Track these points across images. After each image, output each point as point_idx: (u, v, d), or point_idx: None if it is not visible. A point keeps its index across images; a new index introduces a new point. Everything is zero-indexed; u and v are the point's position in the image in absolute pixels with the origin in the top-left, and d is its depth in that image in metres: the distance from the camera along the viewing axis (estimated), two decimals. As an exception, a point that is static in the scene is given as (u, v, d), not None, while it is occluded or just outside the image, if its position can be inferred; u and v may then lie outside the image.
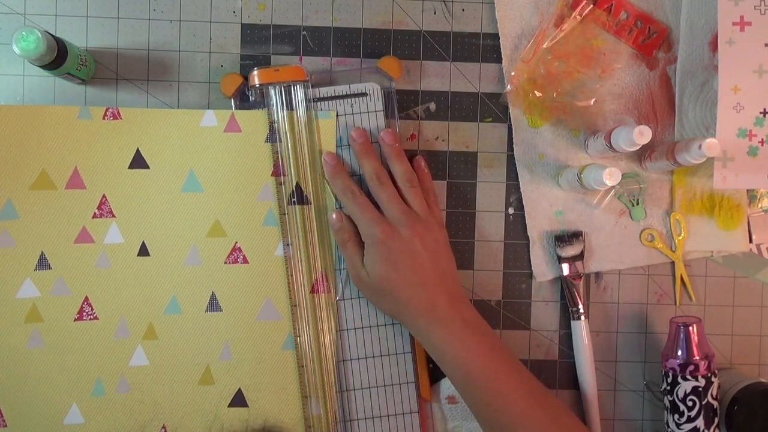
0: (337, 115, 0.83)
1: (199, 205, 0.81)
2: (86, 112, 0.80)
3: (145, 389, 0.81)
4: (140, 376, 0.81)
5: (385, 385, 0.84)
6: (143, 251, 0.81)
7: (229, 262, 0.82)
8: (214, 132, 0.81)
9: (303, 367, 0.82)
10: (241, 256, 0.82)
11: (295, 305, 0.82)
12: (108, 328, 0.80)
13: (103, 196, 0.80)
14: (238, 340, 0.82)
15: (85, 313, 0.80)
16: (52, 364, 0.80)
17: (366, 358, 0.84)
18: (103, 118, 0.80)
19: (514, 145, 0.86)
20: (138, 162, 0.81)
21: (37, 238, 0.79)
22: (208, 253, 0.81)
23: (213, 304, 0.82)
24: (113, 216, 0.80)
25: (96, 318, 0.80)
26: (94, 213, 0.80)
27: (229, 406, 0.81)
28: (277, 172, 0.82)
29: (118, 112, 0.80)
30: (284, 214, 0.82)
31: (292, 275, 0.82)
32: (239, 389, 0.82)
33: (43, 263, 0.80)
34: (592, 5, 0.85)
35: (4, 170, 0.79)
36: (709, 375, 0.81)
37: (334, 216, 0.81)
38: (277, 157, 0.82)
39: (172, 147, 0.81)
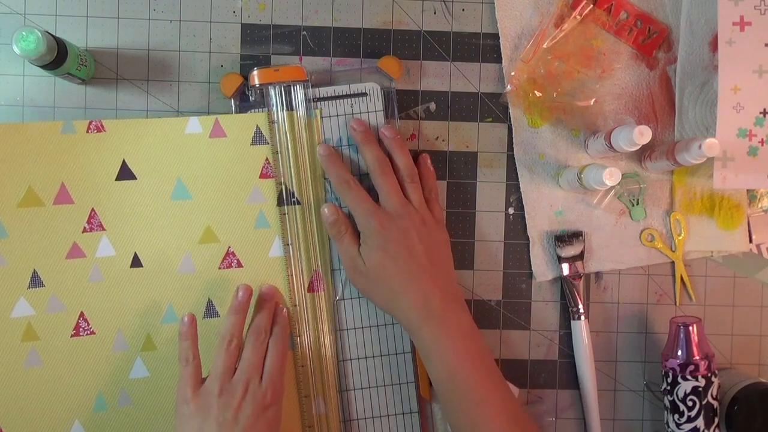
0: (321, 116, 0.83)
1: (189, 212, 0.81)
2: (70, 127, 0.80)
3: (147, 401, 0.81)
4: (141, 388, 0.81)
5: (385, 385, 0.84)
6: (136, 262, 0.81)
7: (224, 267, 0.82)
8: (199, 139, 0.81)
9: (303, 366, 0.82)
10: (235, 261, 0.82)
11: (295, 305, 0.82)
12: (106, 342, 0.80)
13: (92, 209, 0.80)
14: None
15: (81, 329, 0.80)
16: (52, 383, 0.79)
17: (366, 358, 0.84)
18: (87, 132, 0.80)
19: (514, 145, 0.86)
20: (125, 173, 0.80)
21: (28, 256, 0.79)
22: (202, 260, 0.81)
23: (210, 311, 0.81)
24: (103, 229, 0.80)
25: (93, 333, 0.80)
26: (84, 227, 0.80)
27: None
28: (266, 174, 0.82)
29: (102, 125, 0.80)
30: (284, 214, 0.82)
31: (291, 275, 0.82)
32: None
33: (35, 281, 0.79)
34: (592, 5, 0.85)
35: None
36: (709, 375, 0.81)
37: (327, 210, 0.81)
38: (267, 158, 0.81)
39: (158, 156, 0.81)
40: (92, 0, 0.83)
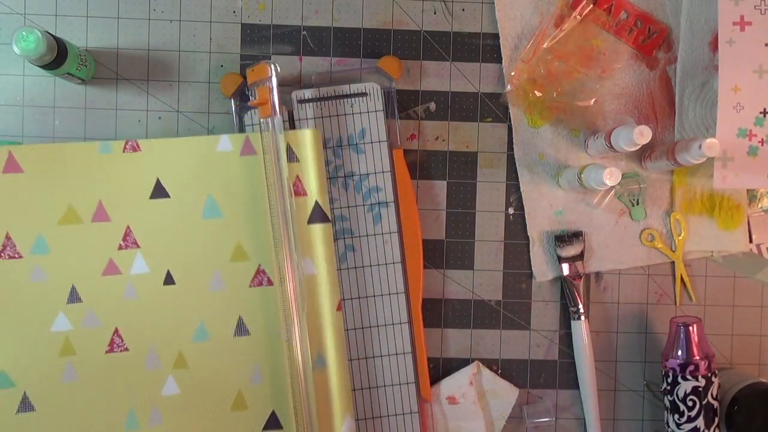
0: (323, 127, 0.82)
1: (220, 230, 0.81)
2: (107, 147, 0.80)
3: (178, 419, 0.80)
4: (172, 405, 0.80)
5: (385, 385, 0.84)
6: (169, 280, 0.81)
7: (254, 285, 0.81)
8: (230, 157, 0.81)
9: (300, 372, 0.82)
10: (266, 279, 0.81)
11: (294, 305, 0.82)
12: (138, 359, 0.80)
13: (127, 227, 0.80)
14: (268, 363, 0.81)
15: (115, 345, 0.80)
16: (87, 398, 0.79)
17: (366, 358, 0.84)
18: (123, 151, 0.80)
19: (514, 145, 0.86)
20: (159, 192, 0.81)
21: (67, 271, 0.80)
22: (233, 278, 0.81)
23: (240, 329, 0.81)
24: (138, 246, 0.80)
25: (126, 349, 0.80)
26: (120, 245, 0.80)
27: (264, 429, 0.81)
28: (296, 192, 0.81)
29: (137, 145, 0.80)
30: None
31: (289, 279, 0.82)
32: (273, 412, 0.81)
33: (74, 296, 0.80)
34: (592, 5, 0.85)
35: (33, 207, 0.79)
36: (709, 375, 0.81)
37: None
38: (298, 176, 0.81)
39: (190, 175, 0.81)
40: (92, 0, 0.83)
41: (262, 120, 0.80)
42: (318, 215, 0.81)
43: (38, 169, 0.79)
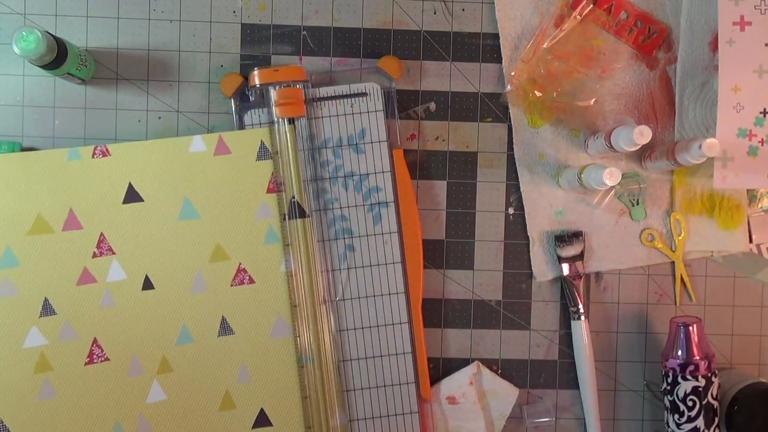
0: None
1: (198, 231, 0.81)
2: (75, 153, 0.80)
3: (166, 425, 0.80)
4: (159, 412, 0.80)
5: (385, 385, 0.84)
6: (147, 285, 0.80)
7: (236, 284, 0.81)
8: (204, 157, 0.81)
9: (303, 367, 0.82)
10: (247, 277, 0.81)
11: (296, 305, 0.82)
12: (121, 368, 0.80)
13: (101, 234, 0.80)
14: (254, 361, 0.81)
15: (95, 356, 0.79)
16: (67, 414, 0.79)
17: (366, 358, 0.84)
18: (93, 157, 0.80)
19: (514, 145, 0.86)
20: (132, 196, 0.80)
21: (39, 284, 0.79)
22: (214, 278, 0.81)
23: (224, 329, 0.81)
24: (113, 253, 0.80)
25: (107, 359, 0.80)
26: (94, 252, 0.80)
27: (254, 427, 0.81)
28: (272, 189, 0.82)
29: (107, 149, 0.80)
30: (284, 220, 0.81)
31: (291, 276, 0.82)
32: (261, 409, 0.81)
33: (47, 309, 0.79)
34: (592, 5, 0.85)
35: (0, 219, 0.78)
36: (709, 375, 0.81)
37: None
38: (273, 173, 0.81)
39: (163, 177, 0.81)
40: (92, 0, 0.83)
41: (278, 119, 0.80)
42: (296, 211, 0.81)
43: (4, 179, 0.79)
